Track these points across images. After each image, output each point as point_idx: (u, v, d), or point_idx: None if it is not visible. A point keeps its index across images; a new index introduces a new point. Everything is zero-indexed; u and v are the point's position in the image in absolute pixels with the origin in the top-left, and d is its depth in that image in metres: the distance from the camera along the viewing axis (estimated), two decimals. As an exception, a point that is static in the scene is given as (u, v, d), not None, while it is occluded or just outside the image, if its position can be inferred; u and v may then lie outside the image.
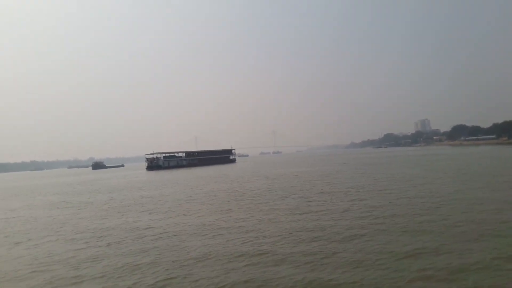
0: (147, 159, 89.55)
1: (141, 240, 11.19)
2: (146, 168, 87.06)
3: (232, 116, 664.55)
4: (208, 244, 10.21)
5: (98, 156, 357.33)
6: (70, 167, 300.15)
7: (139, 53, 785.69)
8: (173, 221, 14.08)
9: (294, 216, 13.33)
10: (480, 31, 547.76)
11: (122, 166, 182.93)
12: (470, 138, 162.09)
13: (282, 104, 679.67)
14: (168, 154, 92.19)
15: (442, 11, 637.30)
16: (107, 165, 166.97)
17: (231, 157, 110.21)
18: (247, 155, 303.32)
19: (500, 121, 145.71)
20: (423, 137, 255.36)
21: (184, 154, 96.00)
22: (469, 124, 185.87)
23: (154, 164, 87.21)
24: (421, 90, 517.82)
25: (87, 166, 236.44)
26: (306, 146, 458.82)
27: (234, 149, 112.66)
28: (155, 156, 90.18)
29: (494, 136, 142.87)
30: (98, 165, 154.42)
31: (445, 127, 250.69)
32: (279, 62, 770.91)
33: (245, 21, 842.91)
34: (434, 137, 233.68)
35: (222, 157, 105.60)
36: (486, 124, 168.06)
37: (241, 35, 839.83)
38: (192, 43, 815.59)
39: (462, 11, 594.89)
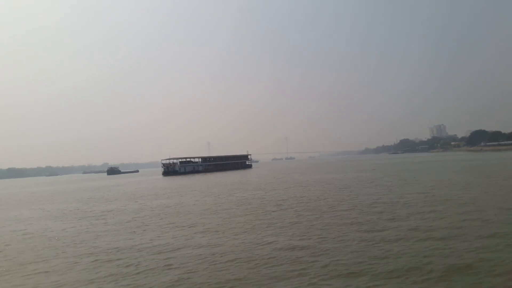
0: (163, 165, 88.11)
1: (173, 267, 8.58)
2: (162, 174, 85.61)
3: (244, 122, 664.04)
4: (268, 279, 7.51)
5: (112, 162, 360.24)
6: (84, 172, 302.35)
7: (155, 60, 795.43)
8: (208, 240, 11.54)
9: (362, 232, 10.65)
10: (495, 39, 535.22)
11: (137, 171, 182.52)
12: (491, 143, 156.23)
13: (294, 110, 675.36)
14: (184, 160, 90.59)
15: (457, 17, 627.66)
16: (121, 171, 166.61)
17: (247, 163, 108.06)
18: (257, 161, 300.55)
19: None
20: (440, 142, 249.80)
21: (200, 160, 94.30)
22: (487, 129, 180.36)
23: (170, 169, 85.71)
24: (435, 96, 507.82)
25: (102, 172, 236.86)
26: (319, 152, 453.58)
27: (250, 155, 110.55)
28: (171, 161, 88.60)
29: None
30: (113, 171, 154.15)
31: (461, 133, 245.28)
32: (291, 69, 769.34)
33: (260, 28, 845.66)
34: (452, 143, 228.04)
35: (238, 162, 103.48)
36: (505, 129, 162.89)
37: (254, 41, 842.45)
38: (206, 50, 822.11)
39: (479, 18, 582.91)
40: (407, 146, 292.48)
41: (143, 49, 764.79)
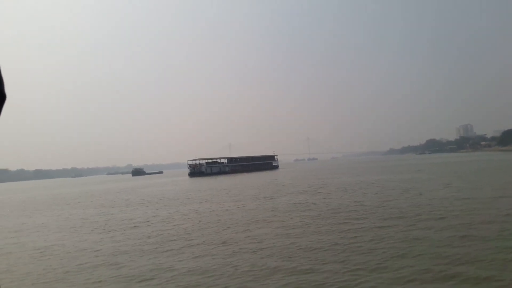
0: (190, 165, 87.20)
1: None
2: (188, 175, 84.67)
3: (265, 123, 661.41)
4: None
5: (136, 163, 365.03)
6: (109, 173, 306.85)
7: (176, 64, 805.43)
8: (278, 263, 9.20)
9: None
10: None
11: (161, 172, 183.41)
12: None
13: (315, 110, 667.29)
14: (210, 160, 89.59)
15: (481, 10, 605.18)
16: (146, 172, 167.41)
17: (274, 164, 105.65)
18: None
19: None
20: (469, 142, 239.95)
21: (226, 160, 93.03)
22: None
23: (196, 170, 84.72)
24: (459, 96, 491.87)
25: (126, 173, 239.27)
26: (342, 153, 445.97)
27: (276, 155, 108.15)
28: (197, 162, 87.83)
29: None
30: (138, 172, 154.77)
31: (489, 133, 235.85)
32: (312, 68, 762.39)
33: (274, 25, 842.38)
34: (482, 143, 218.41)
35: (265, 163, 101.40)
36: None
37: (271, 40, 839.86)
38: (222, 51, 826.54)
39: (506, 9, 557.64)
40: (434, 146, 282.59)
41: (169, 58, 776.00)
